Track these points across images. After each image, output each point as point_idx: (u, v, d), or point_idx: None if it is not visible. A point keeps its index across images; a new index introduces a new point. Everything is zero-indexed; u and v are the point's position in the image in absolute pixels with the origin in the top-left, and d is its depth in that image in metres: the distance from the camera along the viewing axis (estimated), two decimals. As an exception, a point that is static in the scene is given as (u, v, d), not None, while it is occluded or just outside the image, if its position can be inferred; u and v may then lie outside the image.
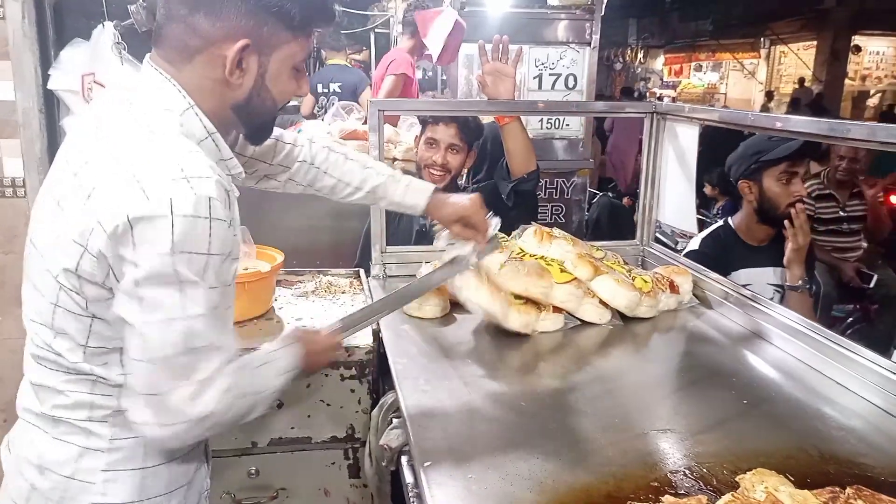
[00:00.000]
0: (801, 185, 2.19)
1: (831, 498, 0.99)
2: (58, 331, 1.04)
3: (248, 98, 1.08)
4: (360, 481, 1.77)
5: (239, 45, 1.02)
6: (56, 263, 1.00)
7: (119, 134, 1.01)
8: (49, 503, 1.09)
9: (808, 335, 1.58)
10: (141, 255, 0.93)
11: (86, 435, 1.08)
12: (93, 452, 1.08)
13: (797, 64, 15.72)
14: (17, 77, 1.87)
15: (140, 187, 0.93)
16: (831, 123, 1.52)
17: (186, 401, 0.98)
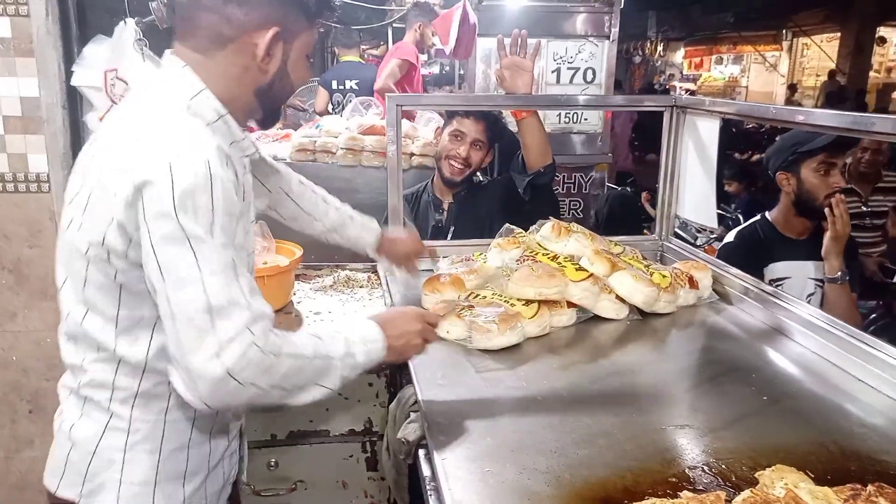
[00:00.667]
0: (839, 177, 2.15)
1: (852, 495, 0.98)
2: (90, 307, 1.08)
3: (271, 82, 1.15)
4: (378, 474, 1.78)
5: (271, 32, 1.09)
6: (84, 240, 1.05)
7: (129, 118, 1.08)
8: (79, 476, 1.14)
9: (829, 331, 1.57)
10: (151, 218, 0.97)
11: (109, 414, 1.12)
12: (114, 431, 1.12)
13: (820, 56, 15.48)
14: (41, 74, 1.89)
15: (143, 156, 0.99)
16: (854, 117, 1.50)
17: (205, 361, 0.97)
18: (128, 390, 1.11)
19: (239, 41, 1.09)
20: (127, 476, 1.13)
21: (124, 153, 1.02)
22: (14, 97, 1.90)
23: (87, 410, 1.14)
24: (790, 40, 17.09)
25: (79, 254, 1.06)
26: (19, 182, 1.93)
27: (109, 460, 1.12)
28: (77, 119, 2.04)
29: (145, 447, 1.13)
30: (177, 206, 0.96)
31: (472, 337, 1.57)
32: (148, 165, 0.98)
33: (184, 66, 1.09)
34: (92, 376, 1.12)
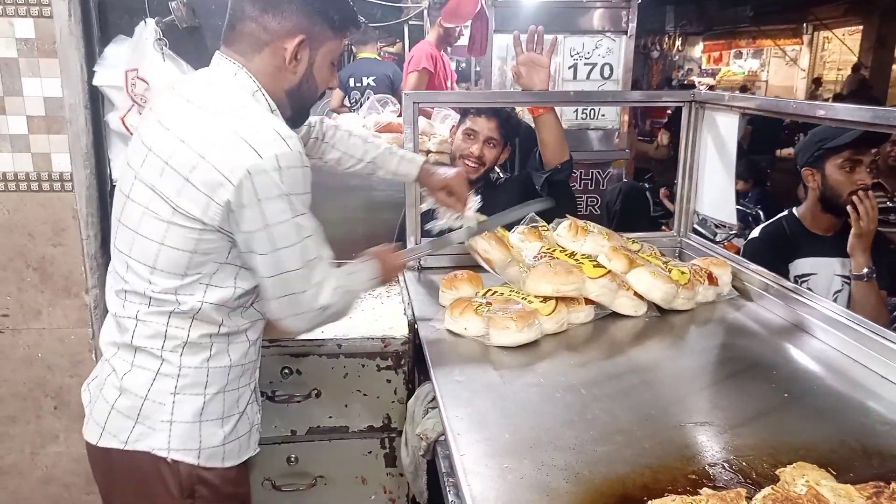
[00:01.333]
0: (865, 174, 2.12)
1: (875, 492, 0.97)
2: (159, 267, 1.24)
3: (299, 84, 1.33)
4: (397, 470, 1.79)
5: (298, 39, 1.27)
6: (167, 209, 1.21)
7: (213, 106, 1.23)
8: (127, 420, 1.28)
9: (851, 327, 1.55)
10: (263, 199, 1.17)
11: (160, 362, 1.28)
12: (164, 377, 1.28)
13: (842, 50, 15.25)
14: (63, 74, 1.92)
15: (250, 146, 1.17)
16: (876, 111, 1.48)
17: (311, 298, 1.28)
18: (178, 339, 1.28)
19: (272, 45, 1.27)
20: (177, 416, 1.28)
21: (224, 140, 1.18)
22: (38, 97, 1.93)
23: (139, 360, 1.29)
24: (811, 34, 16.84)
25: (157, 220, 1.22)
26: (43, 181, 1.96)
27: (161, 403, 1.27)
28: (99, 119, 2.07)
29: (192, 391, 1.29)
30: (288, 192, 1.19)
31: (489, 334, 1.57)
32: (258, 156, 1.16)
33: (240, 66, 1.27)
34: (146, 327, 1.27)
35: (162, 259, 1.24)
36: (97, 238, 2.06)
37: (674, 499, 0.97)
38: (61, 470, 2.13)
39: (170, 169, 1.21)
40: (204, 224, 1.20)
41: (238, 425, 1.37)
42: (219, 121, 1.21)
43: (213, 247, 1.24)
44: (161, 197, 1.22)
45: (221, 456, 1.33)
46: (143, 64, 1.98)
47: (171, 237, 1.22)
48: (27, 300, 2.02)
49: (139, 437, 1.28)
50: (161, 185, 1.22)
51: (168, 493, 1.29)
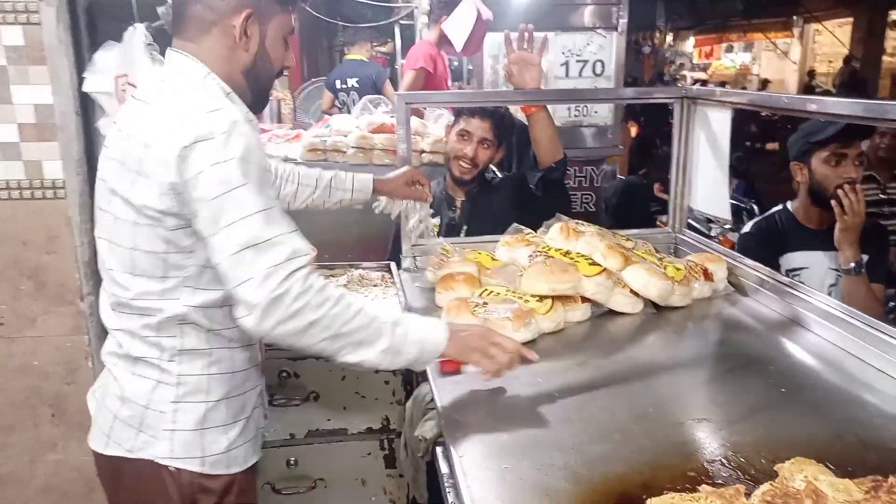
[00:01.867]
0: (852, 168, 2.12)
1: (873, 487, 0.97)
2: (137, 273, 1.22)
3: (253, 62, 1.29)
4: (396, 471, 1.79)
5: (244, 13, 1.24)
6: (129, 210, 1.19)
7: (159, 100, 1.22)
8: (130, 429, 1.28)
9: (847, 321, 1.55)
10: (199, 173, 1.12)
11: (159, 371, 1.27)
12: (164, 386, 1.26)
13: (832, 42, 15.29)
14: (53, 81, 1.91)
15: (184, 123, 1.14)
16: (867, 104, 1.48)
17: (251, 290, 1.11)
18: (172, 348, 1.26)
19: (220, 25, 1.24)
20: (178, 424, 1.27)
21: (162, 124, 1.16)
22: (28, 105, 1.92)
23: (139, 370, 1.27)
24: (801, 26, 16.89)
25: (125, 224, 1.20)
26: (35, 189, 1.95)
27: (161, 412, 1.26)
28: (90, 125, 2.05)
29: (193, 398, 1.27)
30: (220, 159, 1.12)
31: None
32: (190, 130, 1.13)
33: (186, 55, 1.25)
34: (139, 339, 1.26)
35: (138, 264, 1.22)
36: (91, 245, 2.05)
37: (673, 496, 0.97)
38: (60, 478, 2.12)
39: (124, 168, 1.20)
40: (163, 215, 1.17)
41: (244, 430, 1.35)
42: (159, 108, 1.20)
43: (186, 244, 1.20)
44: (123, 199, 1.21)
45: (226, 462, 1.32)
46: (132, 69, 1.96)
47: (141, 239, 1.20)
48: (22, 308, 2.01)
49: (143, 446, 1.28)
50: (120, 186, 1.21)
51: (169, 501, 1.28)
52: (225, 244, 1.12)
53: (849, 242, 2.03)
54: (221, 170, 1.12)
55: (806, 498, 0.94)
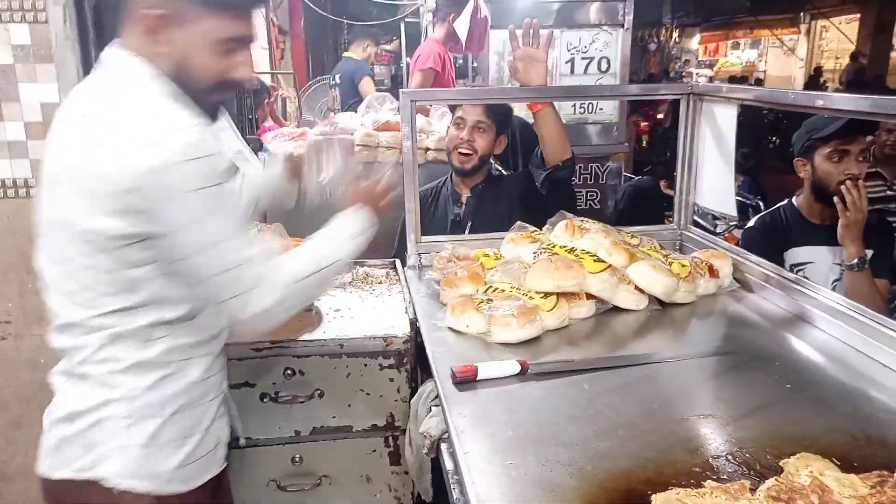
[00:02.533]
0: (854, 164, 2.12)
1: (879, 482, 0.97)
2: (84, 290, 1.18)
3: (176, 69, 1.19)
4: (401, 468, 1.79)
5: (156, 13, 1.15)
6: (73, 232, 1.14)
7: (102, 111, 1.15)
8: (78, 448, 1.22)
9: (853, 317, 1.55)
10: (163, 203, 1.10)
11: (108, 387, 1.21)
12: (115, 402, 1.21)
13: (839, 38, 15.21)
14: (60, 79, 1.92)
15: (141, 145, 1.09)
16: (874, 100, 1.48)
17: (241, 308, 1.19)
18: (125, 361, 1.20)
19: (139, 23, 1.16)
20: (130, 441, 1.21)
21: (115, 142, 1.10)
22: (35, 103, 1.93)
23: (88, 387, 1.22)
24: (808, 23, 16.81)
25: (67, 245, 1.16)
26: (42, 187, 1.96)
27: (113, 428, 1.21)
28: (96, 123, 2.06)
29: (146, 412, 1.22)
30: (187, 188, 1.09)
31: (491, 331, 1.58)
32: (149, 156, 1.08)
33: (132, 53, 1.18)
34: (90, 353, 1.20)
35: (85, 282, 1.17)
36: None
37: (678, 492, 0.97)
38: (67, 474, 2.13)
39: (68, 186, 1.14)
40: (122, 237, 1.13)
41: (201, 444, 1.30)
42: (109, 125, 1.12)
43: (142, 257, 1.16)
44: (71, 218, 1.15)
45: (181, 479, 1.26)
46: (139, 67, 1.97)
47: (100, 260, 1.15)
48: (29, 305, 2.02)
49: (92, 465, 1.21)
50: (64, 204, 1.15)
51: None
52: (203, 268, 1.16)
53: (852, 238, 2.04)
54: (191, 198, 1.11)
55: (811, 493, 0.94)
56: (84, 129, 1.15)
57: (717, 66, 19.39)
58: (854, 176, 2.10)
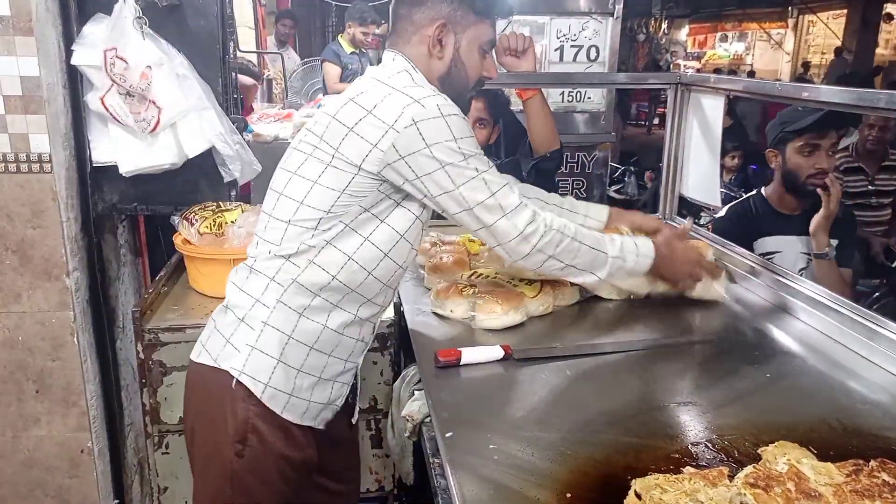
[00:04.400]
0: (824, 158, 2.15)
1: (854, 471, 0.98)
2: (306, 203, 1.30)
3: (448, 69, 1.42)
4: (383, 451, 1.80)
5: (438, 24, 1.38)
6: (327, 155, 1.29)
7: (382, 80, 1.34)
8: (221, 339, 1.36)
9: (832, 308, 1.57)
10: (433, 144, 1.25)
11: (262, 289, 1.33)
12: (261, 306, 1.33)
13: (826, 34, 15.31)
14: (41, 53, 1.87)
15: (414, 101, 1.26)
16: (859, 92, 1.49)
17: (506, 225, 1.32)
18: (290, 274, 1.32)
19: (419, 35, 1.39)
20: (259, 345, 1.32)
21: (391, 98, 1.27)
22: (14, 76, 1.89)
23: (246, 284, 1.36)
24: (796, 17, 16.90)
25: (317, 161, 1.30)
26: (21, 163, 1.92)
27: (250, 328, 1.33)
28: (78, 99, 2.02)
29: (279, 327, 1.32)
30: (454, 136, 1.26)
31: (475, 317, 1.58)
32: (423, 107, 1.25)
33: (397, 52, 1.40)
34: (269, 255, 1.33)
35: (311, 194, 1.30)
36: (77, 220, 2.03)
37: (657, 477, 0.98)
38: (43, 453, 2.11)
39: (335, 122, 1.29)
40: (361, 168, 1.26)
41: (314, 390, 1.37)
42: (384, 86, 1.31)
43: (361, 189, 1.28)
44: (325, 143, 1.29)
45: (284, 403, 1.34)
46: (121, 43, 1.93)
47: (325, 177, 1.28)
48: (6, 283, 1.99)
49: (226, 357, 1.33)
50: (327, 134, 1.30)
51: (225, 429, 1.33)
52: (464, 200, 1.30)
53: (825, 230, 2.08)
54: (450, 145, 1.26)
55: (788, 480, 0.95)
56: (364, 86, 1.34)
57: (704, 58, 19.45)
58: (823, 170, 2.13)
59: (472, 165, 1.29)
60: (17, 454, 2.12)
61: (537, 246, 1.35)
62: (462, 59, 1.42)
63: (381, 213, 1.33)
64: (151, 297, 1.91)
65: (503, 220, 1.32)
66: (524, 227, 1.33)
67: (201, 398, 1.39)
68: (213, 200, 2.11)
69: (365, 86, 1.34)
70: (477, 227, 1.33)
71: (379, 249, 1.33)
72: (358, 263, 1.32)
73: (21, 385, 2.07)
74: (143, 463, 2.35)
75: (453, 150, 1.27)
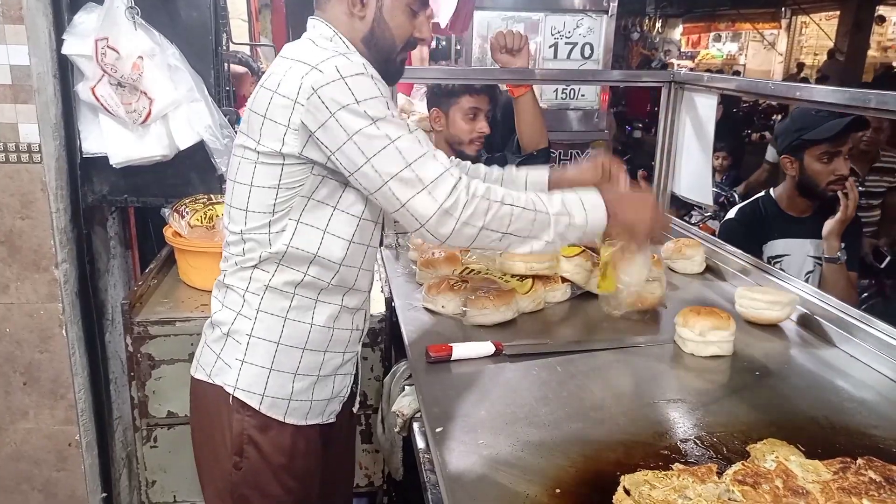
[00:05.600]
0: (842, 164, 2.14)
1: (842, 468, 0.99)
2: (251, 210, 1.26)
3: (371, 30, 1.30)
4: (373, 447, 1.79)
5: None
6: (253, 151, 1.23)
7: (286, 55, 1.26)
8: (212, 354, 1.34)
9: (821, 307, 1.58)
10: (336, 111, 1.15)
11: (241, 303, 1.31)
12: (243, 318, 1.31)
13: (819, 35, 15.38)
14: (31, 42, 1.85)
15: (312, 68, 1.17)
16: (851, 92, 1.49)
17: (425, 200, 1.16)
18: (261, 282, 1.29)
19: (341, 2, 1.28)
20: (248, 358, 1.30)
21: (291, 70, 1.19)
22: (4, 65, 1.86)
23: (228, 299, 1.33)
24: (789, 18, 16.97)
25: (248, 163, 1.25)
26: (10, 152, 1.90)
27: (237, 342, 1.31)
28: (69, 88, 2.00)
29: (266, 336, 1.30)
30: (357, 98, 1.15)
31: (467, 313, 1.57)
32: (320, 72, 1.16)
33: (319, 20, 1.31)
34: (237, 267, 1.31)
35: (252, 199, 1.26)
36: (67, 211, 2.02)
37: (646, 474, 0.98)
38: (31, 446, 2.10)
39: (251, 113, 1.24)
40: (284, 155, 1.21)
41: (314, 389, 1.36)
42: (287, 60, 1.23)
43: (296, 180, 1.23)
44: (248, 139, 1.25)
45: (285, 409, 1.32)
46: (113, 32, 1.91)
47: (258, 177, 1.24)
48: (-7, 274, 1.98)
49: (218, 372, 1.32)
50: (248, 129, 1.25)
51: (223, 442, 1.32)
52: (378, 174, 1.16)
53: (838, 234, 2.07)
54: (355, 109, 1.15)
55: (776, 478, 0.95)
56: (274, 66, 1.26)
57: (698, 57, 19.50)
58: (843, 176, 2.12)
59: (382, 132, 1.15)
60: (4, 447, 2.10)
61: (461, 219, 1.17)
62: (385, 18, 1.30)
63: (328, 199, 1.26)
64: (141, 289, 1.90)
65: (421, 194, 1.16)
66: (443, 199, 1.16)
67: (200, 413, 1.39)
68: (204, 193, 2.10)
69: (273, 66, 1.27)
70: (394, 207, 1.18)
71: (341, 238, 1.28)
72: (325, 258, 1.28)
73: (8, 377, 2.06)
74: (131, 456, 2.34)
75: (357, 115, 1.15)
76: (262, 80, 1.26)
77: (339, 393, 1.43)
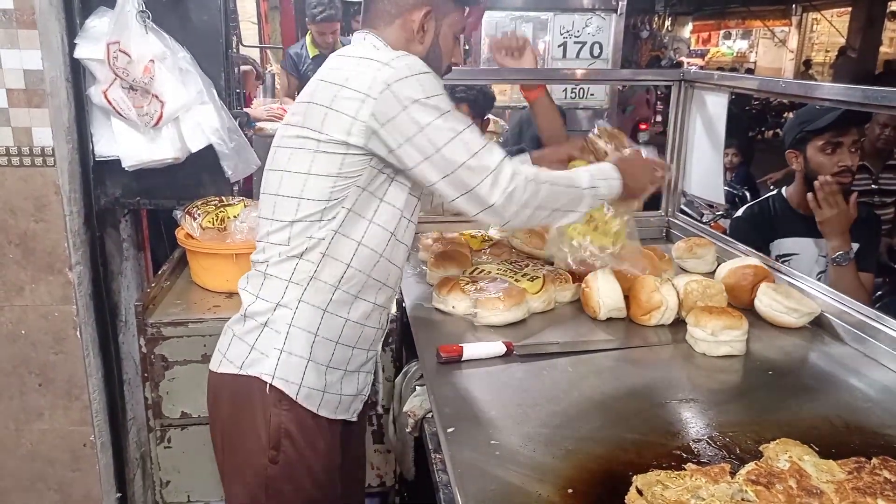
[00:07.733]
0: (847, 155, 2.11)
1: (856, 468, 0.98)
2: (305, 197, 1.29)
3: (426, 55, 1.38)
4: (384, 447, 1.80)
5: (424, 10, 1.37)
6: (313, 140, 1.27)
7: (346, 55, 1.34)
8: (244, 346, 1.34)
9: (835, 306, 1.56)
10: (409, 105, 1.22)
11: (282, 293, 1.32)
12: (284, 308, 1.32)
13: (830, 31, 15.26)
14: (44, 46, 1.87)
15: (384, 64, 1.24)
16: (864, 90, 1.48)
17: (489, 188, 1.27)
18: (305, 273, 1.31)
19: (402, 18, 1.37)
20: (287, 347, 1.32)
21: (362, 67, 1.25)
22: (17, 70, 1.88)
23: (266, 290, 1.34)
24: (800, 15, 16.84)
25: (305, 151, 1.28)
26: (24, 156, 1.92)
27: (276, 332, 1.32)
28: (81, 92, 2.02)
29: (305, 328, 1.32)
30: (426, 93, 1.23)
31: (477, 313, 1.58)
32: (392, 69, 1.23)
33: (372, 34, 1.38)
34: (282, 256, 1.32)
35: (308, 187, 1.28)
36: (80, 214, 2.03)
37: (658, 474, 0.98)
38: (46, 446, 2.11)
39: (312, 105, 1.28)
40: (348, 145, 1.24)
41: (342, 383, 1.38)
42: (350, 58, 1.31)
43: (355, 170, 1.27)
44: (307, 129, 1.28)
45: (319, 400, 1.34)
46: (124, 36, 1.93)
47: (317, 166, 1.27)
48: (9, 277, 1.99)
49: (252, 363, 1.33)
50: (307, 121, 1.28)
51: (257, 436, 1.32)
52: (445, 163, 1.25)
53: (833, 233, 2.02)
54: (426, 104, 1.23)
55: (790, 478, 0.95)
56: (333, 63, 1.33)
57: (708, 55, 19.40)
58: (847, 167, 2.09)
59: (450, 124, 1.25)
60: (20, 447, 2.12)
61: (521, 201, 1.30)
62: (440, 45, 1.42)
63: (378, 191, 1.31)
64: (154, 291, 1.91)
65: (487, 180, 1.26)
66: (506, 184, 1.28)
67: (229, 408, 1.38)
68: (215, 195, 2.11)
69: (331, 64, 1.33)
70: (457, 194, 1.27)
71: (385, 230, 1.33)
72: (368, 247, 1.32)
73: (24, 378, 2.08)
74: (145, 457, 2.36)
75: (429, 107, 1.23)
76: (320, 75, 1.31)
77: (362, 390, 1.46)
